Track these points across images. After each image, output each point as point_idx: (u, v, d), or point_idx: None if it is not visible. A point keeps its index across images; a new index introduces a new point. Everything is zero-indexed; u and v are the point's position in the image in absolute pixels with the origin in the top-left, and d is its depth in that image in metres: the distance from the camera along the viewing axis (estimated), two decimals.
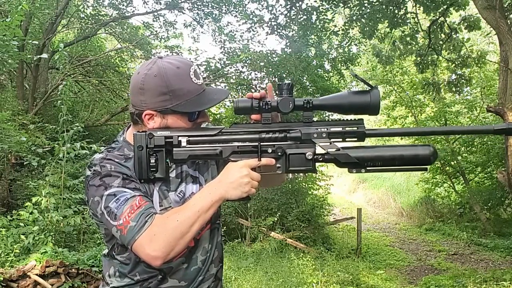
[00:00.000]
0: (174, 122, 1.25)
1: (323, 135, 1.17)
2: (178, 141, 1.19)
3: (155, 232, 1.11)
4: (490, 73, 12.11)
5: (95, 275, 4.15)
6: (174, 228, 1.11)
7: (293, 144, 1.19)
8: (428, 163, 1.14)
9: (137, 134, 1.19)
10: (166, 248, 1.11)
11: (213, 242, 1.37)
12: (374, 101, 1.15)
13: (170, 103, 1.22)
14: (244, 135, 1.20)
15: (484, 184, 10.77)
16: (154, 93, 1.22)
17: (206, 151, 1.19)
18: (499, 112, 6.50)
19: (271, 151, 1.18)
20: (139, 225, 1.12)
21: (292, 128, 1.20)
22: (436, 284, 5.79)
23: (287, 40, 10.14)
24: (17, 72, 8.02)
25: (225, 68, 10.11)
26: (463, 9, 8.82)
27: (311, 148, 1.18)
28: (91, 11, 9.29)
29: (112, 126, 9.60)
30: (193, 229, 1.14)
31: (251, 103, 1.18)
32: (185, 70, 1.24)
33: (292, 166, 1.18)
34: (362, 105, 1.16)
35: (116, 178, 1.19)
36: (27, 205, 4.62)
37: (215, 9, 10.14)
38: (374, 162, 1.15)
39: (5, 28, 4.54)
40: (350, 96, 1.17)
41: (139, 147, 1.18)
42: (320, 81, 11.15)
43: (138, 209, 1.14)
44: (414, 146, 1.16)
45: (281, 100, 1.18)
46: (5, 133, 5.29)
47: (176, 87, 1.22)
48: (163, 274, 1.26)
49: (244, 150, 1.19)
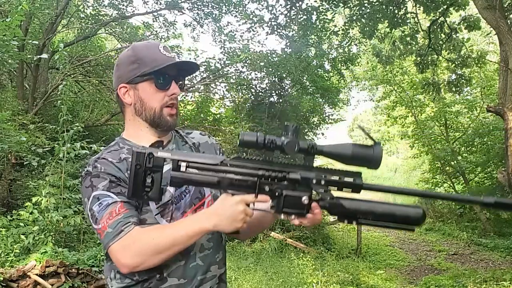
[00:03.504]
0: (144, 91, 1.31)
1: (321, 181, 1.19)
2: (178, 165, 1.18)
3: (129, 243, 1.14)
4: (490, 73, 12.11)
5: (95, 275, 4.15)
6: (147, 244, 1.14)
7: (290, 186, 1.20)
8: (417, 224, 1.18)
9: (136, 152, 1.18)
10: (135, 260, 1.14)
11: (215, 241, 1.35)
12: (376, 155, 1.17)
13: (139, 70, 1.30)
14: (244, 169, 1.20)
15: (484, 184, 10.78)
16: (125, 64, 1.33)
17: (203, 178, 1.19)
18: (499, 112, 6.50)
19: (268, 189, 1.19)
20: (115, 232, 1.15)
21: (292, 170, 1.20)
22: (436, 284, 5.79)
23: (287, 40, 10.14)
24: (17, 72, 8.02)
25: (225, 68, 10.11)
26: (463, 9, 8.82)
27: (307, 193, 1.19)
28: (91, 11, 9.28)
29: (112, 126, 9.60)
30: (170, 251, 1.16)
31: (256, 138, 1.18)
32: (155, 43, 1.34)
33: (286, 207, 1.18)
34: (364, 158, 1.18)
35: (103, 180, 1.22)
36: (27, 205, 4.62)
37: (215, 9, 10.13)
38: (366, 216, 1.17)
39: (5, 28, 4.54)
40: (354, 148, 1.18)
41: (137, 165, 1.17)
42: (320, 81, 11.16)
43: (117, 217, 1.17)
44: (406, 206, 1.18)
45: (288, 142, 1.19)
46: (5, 133, 5.30)
47: (143, 55, 1.31)
48: (161, 274, 1.26)
49: (242, 184, 1.19)
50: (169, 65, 1.30)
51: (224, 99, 11.16)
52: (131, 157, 1.17)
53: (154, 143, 1.35)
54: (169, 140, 1.41)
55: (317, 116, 12.09)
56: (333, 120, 12.55)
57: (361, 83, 15.80)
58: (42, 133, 6.60)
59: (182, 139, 1.46)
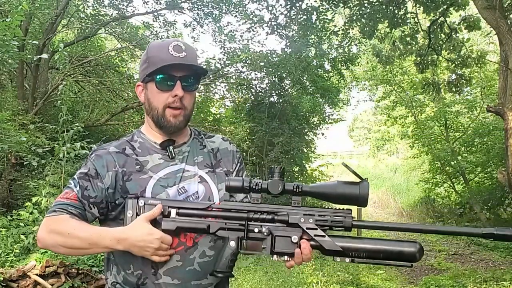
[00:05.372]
0: (151, 91, 1.34)
1: (310, 220, 1.20)
2: (168, 212, 1.23)
3: (51, 224, 1.22)
4: (490, 73, 12.11)
5: (95, 275, 4.16)
6: (61, 234, 1.20)
7: (280, 226, 1.21)
8: (413, 260, 1.16)
9: (129, 201, 1.25)
10: (47, 242, 1.23)
11: (216, 251, 1.31)
12: (362, 193, 1.17)
13: (147, 70, 1.31)
14: (233, 213, 1.23)
15: (484, 184, 10.77)
16: (141, 63, 1.37)
17: (194, 224, 1.22)
18: (499, 112, 6.50)
19: (257, 231, 1.21)
20: (52, 209, 1.24)
21: (280, 211, 1.22)
22: (436, 284, 5.78)
23: (287, 40, 10.13)
24: (17, 72, 8.01)
25: (225, 68, 10.11)
26: (463, 9, 8.81)
27: (297, 232, 1.20)
28: (91, 11, 9.28)
29: (112, 126, 9.60)
30: (77, 251, 1.26)
31: (242, 183, 1.20)
32: (167, 42, 1.31)
33: (277, 248, 1.20)
34: (351, 197, 1.18)
35: (85, 169, 1.30)
36: (27, 205, 4.62)
37: (215, 9, 10.13)
38: (359, 254, 1.18)
39: (5, 28, 4.54)
40: (339, 187, 1.19)
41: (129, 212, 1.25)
42: (320, 81, 11.16)
43: (64, 200, 1.25)
44: (401, 241, 1.17)
45: (271, 182, 1.20)
46: (5, 133, 5.29)
47: (153, 54, 1.31)
48: (156, 269, 1.27)
49: (232, 227, 1.22)
50: (173, 65, 1.27)
51: (224, 99, 11.17)
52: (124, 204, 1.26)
53: (164, 141, 1.36)
54: (184, 142, 1.40)
55: (317, 116, 12.09)
56: (333, 120, 12.55)
57: (361, 83, 15.81)
58: (42, 133, 6.60)
59: (201, 142, 1.45)
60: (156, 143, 1.36)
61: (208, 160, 1.41)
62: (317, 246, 1.18)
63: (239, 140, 9.69)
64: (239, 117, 10.94)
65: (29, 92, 8.13)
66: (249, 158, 9.85)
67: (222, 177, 1.39)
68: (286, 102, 10.37)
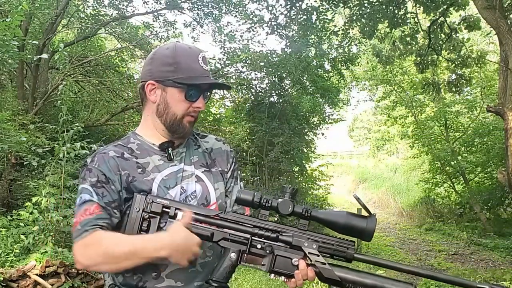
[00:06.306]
0: (172, 97, 1.31)
1: (313, 245, 1.20)
2: (175, 213, 1.22)
3: (88, 245, 1.17)
4: (490, 73, 12.11)
5: (95, 275, 4.16)
6: (103, 252, 1.16)
7: (282, 246, 1.22)
8: None
9: (137, 196, 1.23)
10: (90, 262, 1.18)
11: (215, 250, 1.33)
12: (369, 228, 1.18)
13: (173, 74, 1.29)
14: (238, 225, 1.23)
15: (484, 184, 10.77)
16: (160, 63, 1.31)
17: (198, 229, 1.21)
18: (499, 112, 6.50)
19: (260, 247, 1.21)
20: (81, 230, 1.19)
21: (285, 231, 1.22)
22: (436, 284, 5.78)
23: (287, 40, 10.13)
24: (17, 72, 8.01)
25: (225, 68, 10.11)
26: (463, 9, 8.81)
27: (299, 255, 1.20)
28: (91, 11, 9.28)
29: (112, 126, 9.60)
30: (121, 265, 1.17)
31: (253, 197, 1.21)
32: (195, 52, 1.33)
33: (277, 267, 1.20)
34: (357, 229, 1.19)
35: (93, 176, 1.25)
36: (27, 205, 4.62)
37: (215, 9, 10.12)
38: (355, 286, 1.18)
39: (5, 28, 4.54)
40: (347, 218, 1.20)
41: (135, 208, 1.22)
42: (320, 81, 11.15)
43: (89, 216, 1.20)
44: (397, 281, 1.18)
45: (281, 202, 1.21)
46: (5, 133, 5.30)
47: (182, 61, 1.29)
48: (158, 273, 1.26)
49: (235, 239, 1.22)
50: (203, 78, 1.32)
51: (224, 99, 11.18)
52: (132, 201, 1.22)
53: (164, 143, 1.36)
54: (181, 143, 1.41)
55: (317, 116, 12.08)
56: (333, 120, 12.54)
57: (361, 83, 15.80)
58: (42, 133, 6.60)
59: (195, 142, 1.45)
60: (154, 145, 1.36)
61: (203, 160, 1.41)
62: (316, 272, 1.19)
63: (239, 140, 9.69)
64: (239, 117, 10.94)
65: (29, 92, 8.13)
66: (249, 158, 9.85)
67: (218, 176, 1.41)
68: (286, 102, 10.37)
